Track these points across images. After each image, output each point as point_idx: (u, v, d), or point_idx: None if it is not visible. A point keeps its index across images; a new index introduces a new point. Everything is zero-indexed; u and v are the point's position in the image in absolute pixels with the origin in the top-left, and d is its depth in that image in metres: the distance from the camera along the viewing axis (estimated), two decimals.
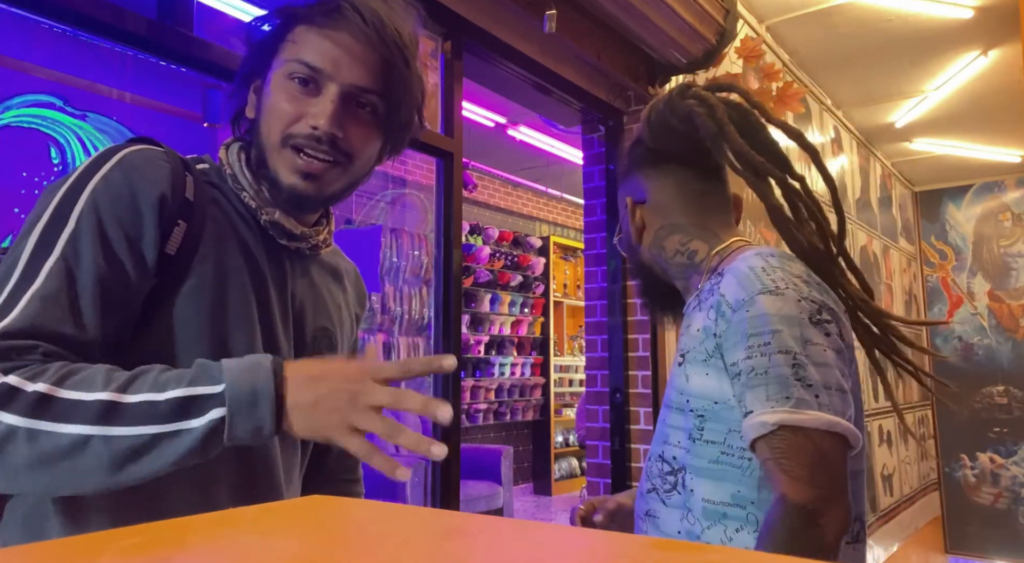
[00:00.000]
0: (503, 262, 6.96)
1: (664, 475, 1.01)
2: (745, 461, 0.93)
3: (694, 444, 0.97)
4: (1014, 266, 5.65)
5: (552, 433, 7.30)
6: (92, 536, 0.36)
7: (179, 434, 0.64)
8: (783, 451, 0.86)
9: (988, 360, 5.62)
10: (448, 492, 2.21)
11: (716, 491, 0.94)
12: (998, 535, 5.40)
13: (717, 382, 0.95)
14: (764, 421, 0.87)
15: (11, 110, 3.55)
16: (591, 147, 3.24)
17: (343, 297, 0.99)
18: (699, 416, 0.97)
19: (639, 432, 2.99)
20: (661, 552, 0.35)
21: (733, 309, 0.94)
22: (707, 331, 0.97)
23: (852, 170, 4.84)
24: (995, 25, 3.36)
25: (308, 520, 0.41)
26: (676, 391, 1.01)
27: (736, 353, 0.92)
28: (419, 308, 5.28)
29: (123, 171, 0.74)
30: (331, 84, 0.80)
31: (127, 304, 0.73)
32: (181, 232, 0.76)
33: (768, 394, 0.88)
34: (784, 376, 0.88)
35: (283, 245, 0.86)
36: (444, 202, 2.35)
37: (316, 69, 0.80)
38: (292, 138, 0.80)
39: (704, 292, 1.03)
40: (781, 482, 0.85)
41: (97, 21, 1.49)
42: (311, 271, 0.92)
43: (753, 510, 0.92)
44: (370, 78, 0.82)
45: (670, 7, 2.68)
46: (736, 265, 0.99)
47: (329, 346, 0.92)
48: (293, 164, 0.81)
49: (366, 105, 0.83)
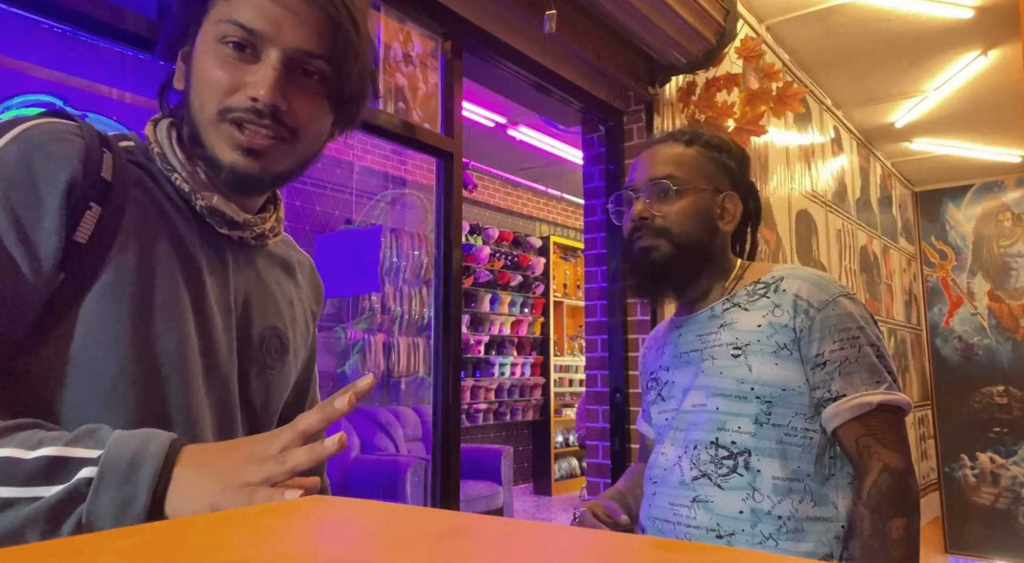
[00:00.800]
0: (503, 262, 6.97)
1: (720, 460, 1.10)
2: (806, 440, 1.08)
3: (761, 428, 1.08)
4: (1014, 266, 5.65)
5: (552, 433, 7.30)
6: (92, 536, 0.36)
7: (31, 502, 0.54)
8: (879, 428, 1.05)
9: (988, 360, 5.62)
10: (448, 492, 2.21)
11: (783, 468, 1.07)
12: (998, 535, 5.40)
13: (789, 371, 1.09)
14: (867, 401, 1.05)
15: (11, 110, 3.55)
16: (591, 147, 3.25)
17: (296, 292, 0.88)
18: (766, 402, 1.09)
19: (639, 432, 2.99)
20: (661, 552, 0.35)
21: (817, 308, 1.10)
22: (776, 326, 1.11)
23: (852, 170, 4.84)
24: (995, 25, 3.36)
25: (308, 520, 0.41)
26: (734, 380, 1.11)
27: (823, 345, 1.08)
28: (419, 308, 5.29)
29: (20, 147, 0.63)
30: (272, 48, 0.69)
31: (17, 306, 0.61)
32: (94, 217, 0.65)
33: (862, 379, 1.07)
34: (874, 365, 1.08)
35: (223, 234, 0.76)
36: (444, 202, 2.35)
37: (253, 31, 0.69)
38: (230, 112, 0.69)
39: (742, 294, 1.18)
40: (883, 454, 1.04)
41: (97, 21, 1.49)
42: (257, 264, 0.81)
43: (808, 482, 1.07)
44: (316, 41, 0.71)
45: (670, 7, 2.68)
46: (799, 273, 1.16)
47: (279, 348, 0.82)
48: (232, 139, 0.70)
49: (313, 73, 0.72)
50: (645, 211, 1.19)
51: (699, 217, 1.19)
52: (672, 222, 1.18)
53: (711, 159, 1.22)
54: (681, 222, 1.18)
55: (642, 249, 1.18)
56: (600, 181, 3.20)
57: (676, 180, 1.18)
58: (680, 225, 1.18)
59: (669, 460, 1.16)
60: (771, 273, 1.18)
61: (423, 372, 5.30)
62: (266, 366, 0.80)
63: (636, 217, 1.19)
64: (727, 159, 1.24)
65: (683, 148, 1.23)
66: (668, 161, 1.21)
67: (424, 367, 5.27)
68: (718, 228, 1.21)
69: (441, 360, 2.28)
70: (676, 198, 1.18)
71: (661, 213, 1.18)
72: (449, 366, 2.27)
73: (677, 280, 1.20)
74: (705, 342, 1.17)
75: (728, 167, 1.23)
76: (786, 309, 1.11)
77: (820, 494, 1.07)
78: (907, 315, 5.61)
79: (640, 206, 1.19)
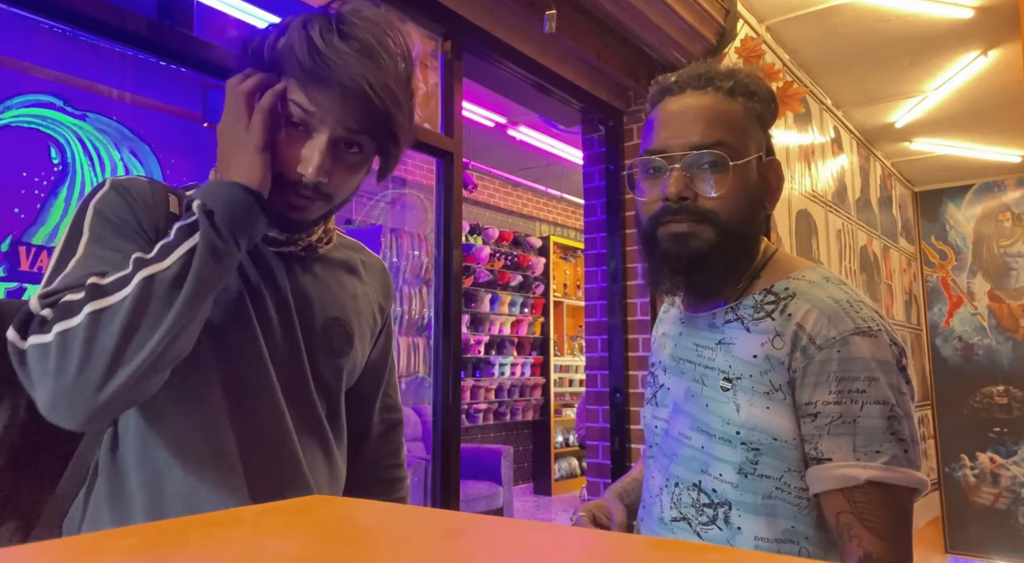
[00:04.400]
0: (503, 262, 6.96)
1: (701, 506, 0.93)
2: (803, 500, 0.89)
3: (745, 479, 0.89)
4: (1014, 266, 5.65)
5: (552, 433, 7.30)
6: (92, 536, 0.36)
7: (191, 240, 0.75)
8: (867, 506, 0.83)
9: (988, 360, 5.62)
10: (448, 492, 2.21)
11: (769, 528, 0.88)
12: (998, 535, 5.40)
13: (781, 418, 0.88)
14: (852, 475, 0.83)
15: (11, 110, 3.54)
16: (591, 147, 3.25)
17: (361, 288, 1.03)
18: (753, 449, 0.89)
19: (639, 432, 2.99)
20: (661, 552, 0.35)
21: (819, 347, 0.86)
22: (772, 362, 0.89)
23: (852, 170, 4.84)
24: (995, 25, 3.36)
25: (308, 520, 0.41)
26: (719, 419, 0.91)
27: (817, 393, 0.86)
28: (419, 308, 5.28)
29: (115, 190, 0.84)
30: (322, 129, 0.83)
31: None
32: None
33: (855, 445, 0.84)
34: (876, 429, 0.84)
35: (275, 252, 0.93)
36: (444, 202, 2.35)
37: (309, 113, 0.82)
38: (280, 176, 0.84)
39: (748, 305, 0.94)
40: (864, 540, 0.82)
41: (97, 21, 1.49)
42: (315, 269, 0.97)
43: (807, 546, 0.88)
44: (360, 121, 0.84)
45: (670, 7, 2.68)
46: (814, 294, 0.90)
47: (343, 335, 0.97)
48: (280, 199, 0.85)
49: (353, 145, 0.85)
50: (686, 190, 0.91)
51: (750, 196, 0.94)
52: (721, 204, 0.91)
53: (755, 112, 0.96)
54: (733, 204, 0.92)
55: (676, 235, 0.92)
56: (600, 181, 3.20)
57: (729, 148, 0.91)
58: (732, 208, 0.92)
59: (654, 487, 1.01)
60: (788, 280, 0.94)
61: (423, 372, 5.30)
62: (332, 351, 0.95)
63: (675, 197, 0.91)
64: (763, 109, 0.96)
65: (728, 100, 0.94)
66: (714, 120, 0.92)
67: (424, 367, 5.27)
68: (763, 208, 0.96)
69: (441, 360, 2.28)
70: (728, 174, 0.91)
71: (707, 193, 0.91)
72: (449, 366, 2.27)
73: (712, 275, 0.94)
74: (700, 357, 0.97)
75: (766, 120, 0.97)
76: (786, 341, 0.88)
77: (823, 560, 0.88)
78: (907, 315, 5.61)
79: (677, 184, 0.91)
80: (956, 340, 5.78)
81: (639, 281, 3.05)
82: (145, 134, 4.01)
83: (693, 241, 0.92)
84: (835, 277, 0.95)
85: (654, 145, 0.95)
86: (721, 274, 0.95)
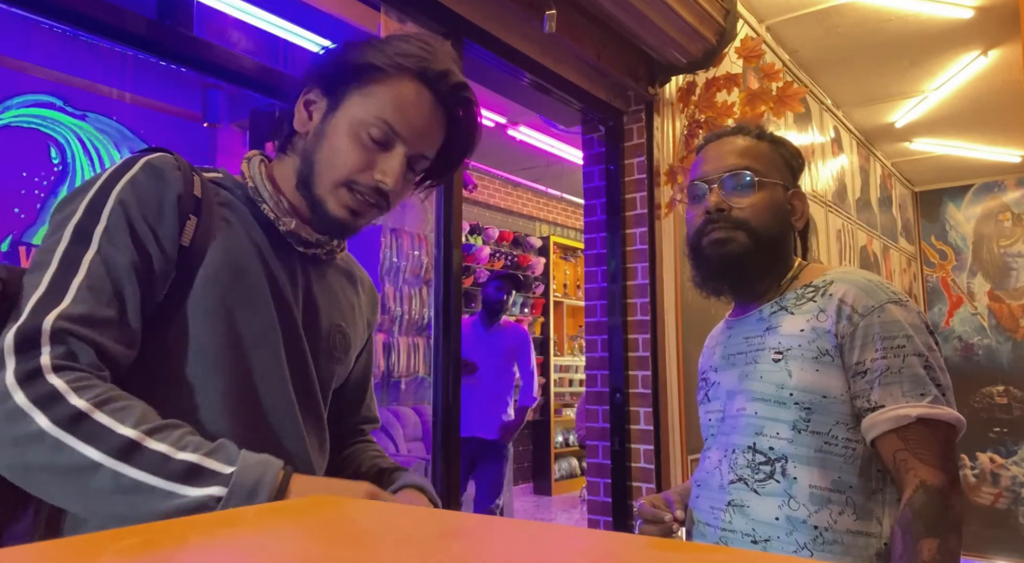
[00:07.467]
0: (503, 262, 6.96)
1: (757, 465, 1.08)
2: (848, 450, 1.04)
3: (799, 434, 1.05)
4: (1014, 266, 5.65)
5: (552, 433, 7.30)
6: (92, 536, 0.36)
7: (172, 496, 0.67)
8: (918, 443, 1.00)
9: (988, 360, 5.62)
10: (448, 492, 2.21)
11: (821, 478, 1.03)
12: (998, 535, 5.40)
13: (830, 378, 1.05)
14: (905, 414, 1.00)
15: (11, 110, 3.55)
16: (591, 147, 3.24)
17: (356, 301, 1.05)
18: (805, 409, 1.05)
19: (639, 432, 2.99)
20: (661, 552, 0.35)
21: (861, 314, 1.05)
22: (819, 331, 1.07)
23: (852, 170, 4.84)
24: (995, 25, 3.36)
25: (308, 520, 0.41)
26: (773, 385, 1.08)
27: (864, 353, 1.04)
28: (419, 308, 5.28)
29: (147, 174, 0.82)
30: (401, 145, 0.89)
31: (156, 294, 0.80)
32: (193, 225, 0.83)
33: (904, 390, 1.02)
34: (919, 376, 1.02)
35: (299, 251, 0.94)
36: (444, 202, 2.35)
37: (395, 131, 0.88)
38: (355, 184, 0.88)
39: (791, 297, 1.14)
40: (920, 470, 0.99)
41: (97, 21, 1.49)
42: (327, 274, 0.99)
43: (852, 494, 1.03)
44: (432, 146, 0.93)
45: (670, 7, 2.68)
46: (849, 276, 1.11)
47: (343, 342, 0.99)
48: (346, 202, 0.89)
49: (420, 162, 0.93)
50: (723, 202, 1.13)
51: (777, 211, 1.15)
52: (751, 214, 1.13)
53: (780, 154, 1.20)
54: (761, 215, 1.13)
55: (716, 241, 1.13)
56: (600, 181, 3.20)
57: (755, 171, 1.14)
58: (760, 218, 1.13)
59: (711, 463, 1.15)
60: (824, 276, 1.14)
61: (423, 372, 5.30)
62: (332, 356, 0.97)
63: (713, 208, 1.13)
64: (791, 156, 1.21)
65: (755, 141, 1.19)
66: (743, 153, 1.17)
67: (424, 367, 5.27)
68: (791, 225, 1.18)
69: (441, 360, 2.28)
70: (755, 190, 1.14)
71: (739, 205, 1.13)
72: (449, 366, 2.27)
73: (748, 275, 1.15)
74: (751, 345, 1.15)
75: (792, 164, 1.21)
76: (830, 314, 1.07)
77: (864, 508, 1.03)
78: None
79: (716, 197, 1.14)
80: (956, 340, 5.78)
81: (639, 281, 3.05)
82: (145, 134, 4.01)
83: (730, 245, 1.13)
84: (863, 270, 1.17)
85: (698, 176, 1.19)
86: (758, 275, 1.15)
